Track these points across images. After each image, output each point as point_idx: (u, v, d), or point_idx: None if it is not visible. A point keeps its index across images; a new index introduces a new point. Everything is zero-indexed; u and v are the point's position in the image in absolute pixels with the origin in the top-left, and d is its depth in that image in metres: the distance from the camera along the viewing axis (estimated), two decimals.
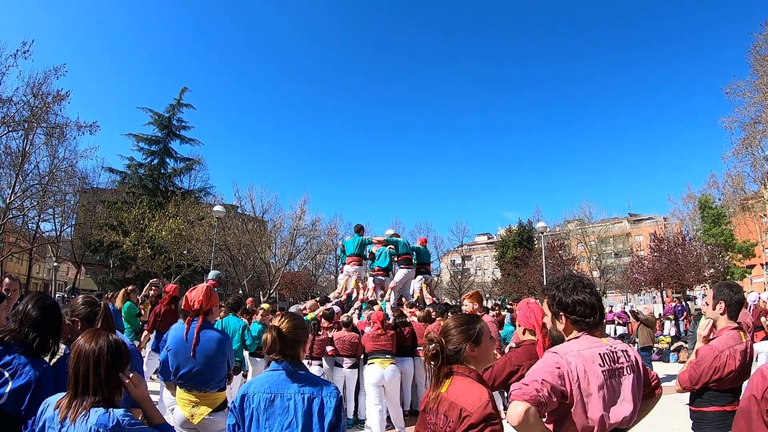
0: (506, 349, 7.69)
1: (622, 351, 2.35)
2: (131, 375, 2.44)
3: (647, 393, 2.51)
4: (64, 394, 2.35)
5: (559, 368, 2.14)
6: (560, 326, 2.44)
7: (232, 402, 2.69)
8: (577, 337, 2.35)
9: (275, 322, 2.79)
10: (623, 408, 2.21)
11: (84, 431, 2.19)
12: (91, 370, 2.27)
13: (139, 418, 2.47)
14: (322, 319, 8.95)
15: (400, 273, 12.05)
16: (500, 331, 10.53)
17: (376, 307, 9.93)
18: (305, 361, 4.26)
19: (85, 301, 3.10)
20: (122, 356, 2.38)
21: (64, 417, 2.25)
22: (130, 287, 10.56)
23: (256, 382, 2.69)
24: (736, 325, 3.83)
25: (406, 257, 12.23)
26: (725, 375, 3.60)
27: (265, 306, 10.39)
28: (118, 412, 2.26)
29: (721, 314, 3.87)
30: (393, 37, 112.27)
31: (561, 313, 2.41)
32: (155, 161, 40.14)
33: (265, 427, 2.56)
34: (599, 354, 2.24)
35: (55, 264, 38.89)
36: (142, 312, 10.89)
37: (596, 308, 2.38)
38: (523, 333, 4.10)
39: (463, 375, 2.39)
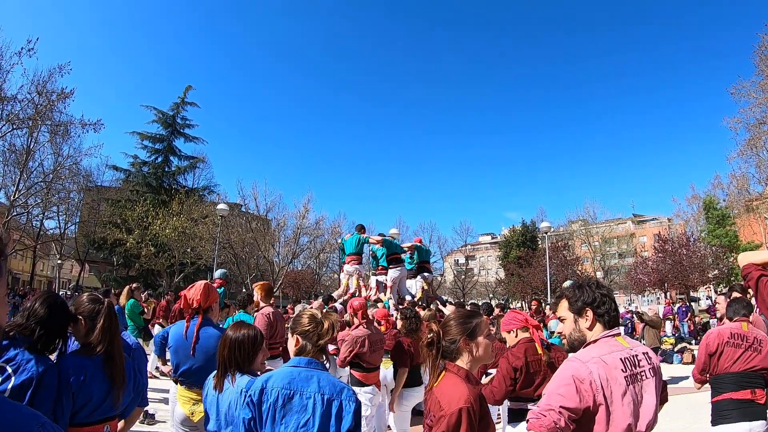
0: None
1: (643, 354, 2.30)
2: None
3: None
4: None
5: (576, 381, 2.07)
6: (585, 323, 2.35)
7: (249, 395, 2.65)
8: (596, 341, 2.28)
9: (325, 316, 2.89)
10: (647, 413, 2.14)
11: (235, 393, 2.95)
12: (234, 351, 3.13)
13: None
14: None
15: (391, 273, 11.94)
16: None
17: (380, 305, 9.92)
18: None
19: (89, 299, 3.11)
20: (258, 342, 3.21)
21: (215, 386, 3.16)
22: (134, 285, 10.56)
23: (276, 377, 2.66)
24: (738, 317, 4.37)
25: (394, 256, 12.13)
26: (714, 352, 4.25)
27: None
28: None
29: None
30: (398, 36, 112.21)
31: (587, 309, 2.34)
32: (159, 159, 40.16)
33: (281, 423, 2.54)
34: (621, 359, 2.17)
35: (59, 261, 39.03)
36: (145, 310, 10.91)
37: (616, 302, 2.38)
38: (509, 333, 4.63)
39: (451, 372, 2.44)
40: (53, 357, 2.85)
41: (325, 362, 2.85)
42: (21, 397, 2.61)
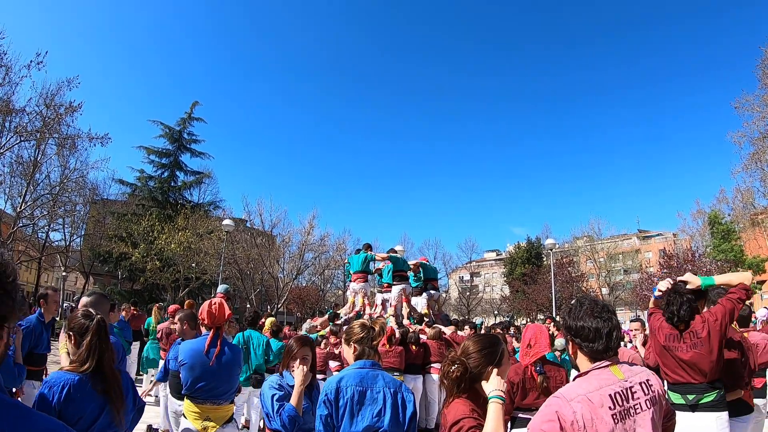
0: None
1: (641, 383, 2.18)
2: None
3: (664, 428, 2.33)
4: None
5: (561, 419, 1.99)
6: (570, 350, 2.32)
7: (326, 394, 3.05)
8: (586, 373, 2.20)
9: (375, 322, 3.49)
10: None
11: (268, 384, 3.60)
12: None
13: None
14: (331, 336, 8.92)
15: (395, 289, 11.89)
16: None
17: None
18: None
19: (82, 314, 3.01)
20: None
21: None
22: (159, 304, 11.20)
23: (347, 378, 3.11)
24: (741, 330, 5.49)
25: (400, 273, 12.07)
26: None
27: (269, 322, 10.34)
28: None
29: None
30: (401, 49, 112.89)
31: (569, 337, 2.30)
32: (165, 174, 40.23)
33: (358, 414, 3.00)
34: (609, 395, 2.06)
35: (64, 273, 39.05)
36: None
37: (602, 334, 2.20)
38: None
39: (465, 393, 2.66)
40: None
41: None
42: None
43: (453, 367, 2.65)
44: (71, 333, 2.95)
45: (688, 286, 4.18)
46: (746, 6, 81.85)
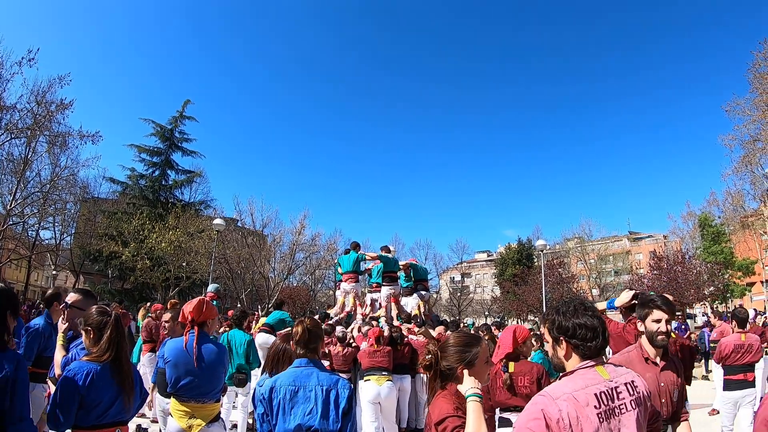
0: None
1: (626, 384, 2.18)
2: None
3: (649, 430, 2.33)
4: None
5: (546, 417, 1.97)
6: (561, 352, 2.27)
7: (262, 394, 3.20)
8: (572, 372, 2.18)
9: (298, 323, 3.47)
10: None
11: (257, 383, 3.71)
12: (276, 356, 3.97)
13: None
14: None
15: (384, 290, 11.85)
16: None
17: (373, 323, 9.87)
18: None
19: (98, 311, 3.32)
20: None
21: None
22: (147, 304, 11.12)
23: (283, 377, 3.24)
24: (738, 330, 7.29)
25: (390, 274, 12.05)
26: (723, 356, 7.25)
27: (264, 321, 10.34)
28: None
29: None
30: (392, 55, 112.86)
31: (561, 338, 2.25)
32: (156, 173, 40.02)
33: (290, 413, 3.11)
34: (595, 394, 2.05)
35: (54, 272, 38.87)
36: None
37: (599, 332, 2.21)
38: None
39: (446, 390, 2.69)
40: None
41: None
42: (2, 397, 2.67)
43: (428, 356, 2.78)
44: (89, 328, 3.24)
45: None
46: (739, 9, 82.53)
